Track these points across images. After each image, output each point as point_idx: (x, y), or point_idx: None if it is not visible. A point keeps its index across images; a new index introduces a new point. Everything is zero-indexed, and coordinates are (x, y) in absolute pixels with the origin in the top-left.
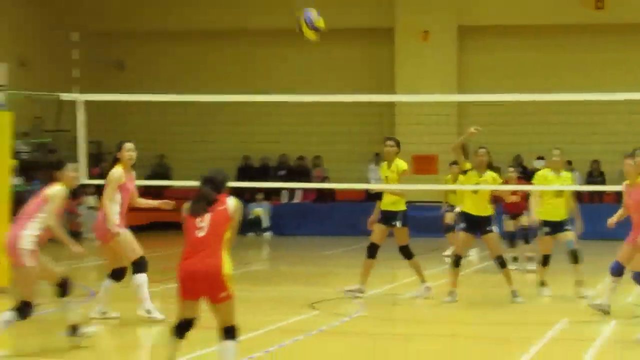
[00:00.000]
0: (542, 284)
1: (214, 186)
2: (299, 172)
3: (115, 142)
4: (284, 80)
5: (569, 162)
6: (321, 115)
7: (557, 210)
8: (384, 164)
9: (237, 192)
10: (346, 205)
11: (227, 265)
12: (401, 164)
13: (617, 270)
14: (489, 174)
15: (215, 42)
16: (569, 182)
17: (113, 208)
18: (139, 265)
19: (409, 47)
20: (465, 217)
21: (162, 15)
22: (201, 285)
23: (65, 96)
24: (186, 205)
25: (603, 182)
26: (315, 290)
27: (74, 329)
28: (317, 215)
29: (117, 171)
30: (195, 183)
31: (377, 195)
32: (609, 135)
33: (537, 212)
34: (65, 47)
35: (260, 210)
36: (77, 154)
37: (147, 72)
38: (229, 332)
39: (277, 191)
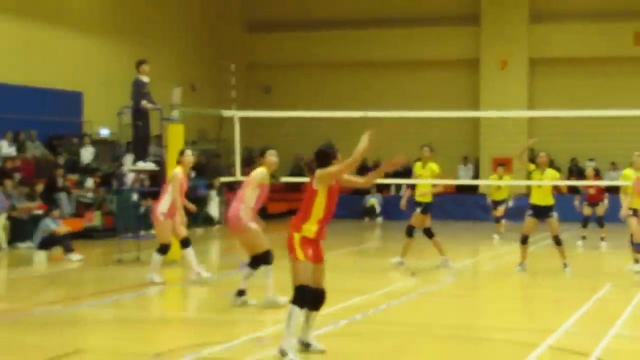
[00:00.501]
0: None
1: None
2: (405, 171)
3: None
4: (391, 101)
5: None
6: (421, 127)
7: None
8: (419, 164)
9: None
10: (439, 196)
11: None
12: (435, 166)
13: None
14: (549, 172)
15: (338, 71)
16: None
17: (249, 204)
18: (259, 259)
19: (490, 74)
20: (532, 206)
21: (299, 50)
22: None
23: (225, 113)
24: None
25: None
26: (415, 262)
27: (240, 293)
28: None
29: (261, 172)
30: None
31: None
32: None
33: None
34: (225, 75)
35: (374, 200)
36: (234, 158)
37: (288, 95)
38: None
39: (387, 186)
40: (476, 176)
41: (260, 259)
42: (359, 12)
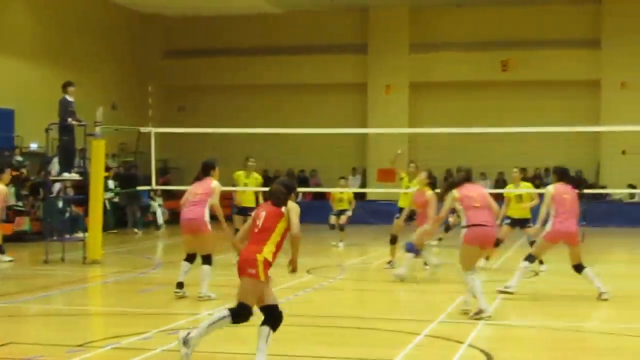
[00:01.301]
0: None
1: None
2: (301, 180)
3: (177, 161)
4: (294, 120)
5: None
6: (318, 142)
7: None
8: (406, 177)
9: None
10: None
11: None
12: (422, 177)
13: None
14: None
15: (246, 93)
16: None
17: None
18: (207, 259)
19: (376, 97)
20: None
21: (210, 74)
22: None
23: (142, 129)
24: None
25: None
26: (310, 260)
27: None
28: (314, 209)
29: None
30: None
31: None
32: (515, 155)
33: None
34: (144, 95)
35: None
36: (150, 169)
37: (200, 114)
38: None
39: None
40: (364, 185)
41: (207, 259)
42: (264, 41)
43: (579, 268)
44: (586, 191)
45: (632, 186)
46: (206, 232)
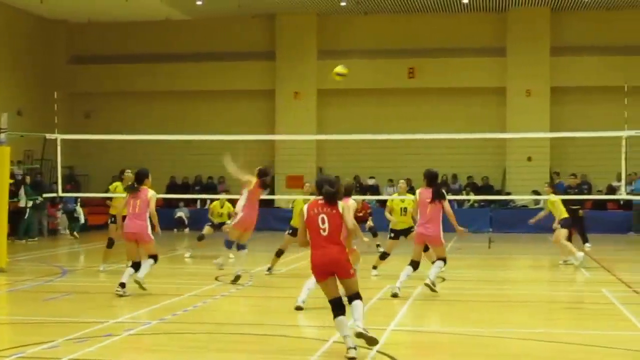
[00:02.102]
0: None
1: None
2: (209, 187)
3: (83, 168)
4: (203, 126)
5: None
6: (226, 148)
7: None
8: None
9: (166, 201)
10: None
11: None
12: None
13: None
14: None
15: (154, 99)
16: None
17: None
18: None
19: (285, 103)
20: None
21: (117, 81)
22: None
23: (48, 136)
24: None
25: (413, 193)
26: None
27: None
28: None
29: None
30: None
31: None
32: (423, 161)
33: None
34: (49, 101)
35: (182, 212)
36: (57, 176)
37: (107, 121)
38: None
39: (194, 200)
40: (272, 191)
41: (154, 258)
42: (172, 47)
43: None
44: (492, 197)
45: (536, 192)
46: (150, 241)
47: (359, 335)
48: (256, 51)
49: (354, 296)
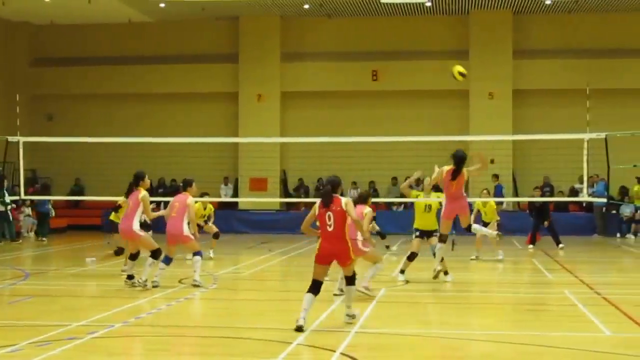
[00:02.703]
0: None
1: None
2: (173, 190)
3: (46, 171)
4: (167, 129)
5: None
6: (190, 151)
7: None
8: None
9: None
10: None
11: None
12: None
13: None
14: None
15: (119, 102)
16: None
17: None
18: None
19: (248, 106)
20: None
21: (80, 83)
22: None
23: (10, 139)
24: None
25: (377, 195)
26: (182, 270)
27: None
28: None
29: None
30: (102, 198)
31: None
32: (389, 164)
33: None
34: (11, 104)
35: (145, 216)
36: (19, 179)
37: (70, 123)
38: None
39: (157, 203)
40: (236, 194)
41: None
42: (135, 49)
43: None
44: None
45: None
46: (138, 237)
47: (349, 316)
48: (219, 53)
49: (349, 280)
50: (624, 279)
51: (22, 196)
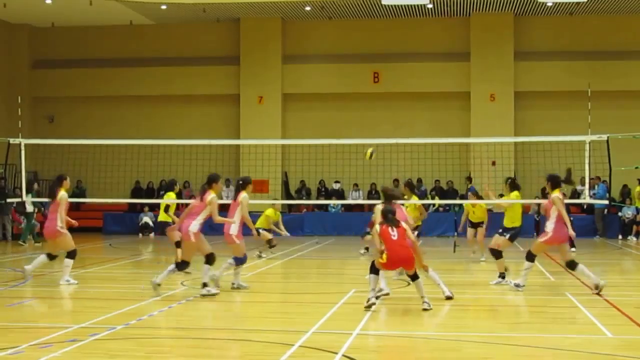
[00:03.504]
0: None
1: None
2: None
3: (47, 173)
4: (168, 131)
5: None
6: (191, 153)
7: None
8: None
9: (131, 206)
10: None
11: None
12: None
13: None
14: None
15: (120, 104)
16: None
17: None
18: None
19: (249, 108)
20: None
21: (80, 85)
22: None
23: (12, 141)
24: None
25: (379, 197)
26: (184, 272)
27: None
28: None
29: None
30: (103, 200)
31: None
32: (388, 166)
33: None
34: (13, 106)
35: (148, 217)
36: (20, 181)
37: (71, 125)
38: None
39: (159, 205)
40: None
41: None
42: (136, 51)
43: None
44: (457, 202)
45: (501, 196)
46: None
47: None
48: (220, 56)
49: (414, 276)
50: (625, 281)
51: (24, 198)
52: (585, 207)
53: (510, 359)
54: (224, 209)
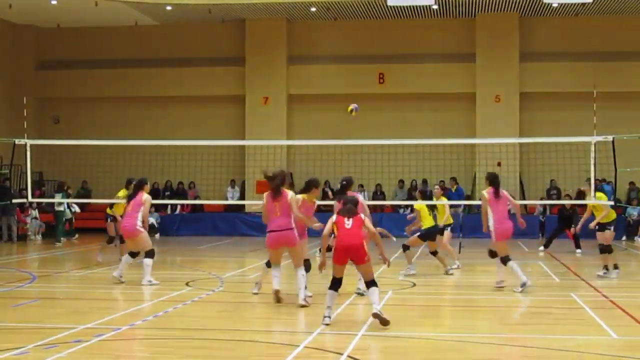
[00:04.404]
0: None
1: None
2: (179, 192)
3: (53, 173)
4: (173, 132)
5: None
6: (197, 154)
7: None
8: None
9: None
10: (210, 215)
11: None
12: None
13: None
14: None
15: (124, 105)
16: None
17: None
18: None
19: (255, 108)
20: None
21: (85, 86)
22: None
23: (18, 141)
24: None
25: (384, 198)
26: (189, 273)
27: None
28: (191, 221)
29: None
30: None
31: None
32: (393, 167)
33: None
34: (18, 107)
35: (153, 218)
36: (26, 182)
37: (76, 126)
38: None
39: (164, 205)
40: (242, 196)
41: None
42: (142, 52)
43: None
44: (463, 202)
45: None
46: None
47: (375, 315)
48: (226, 57)
49: (370, 283)
50: (631, 282)
51: (30, 199)
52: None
53: None
54: (237, 209)
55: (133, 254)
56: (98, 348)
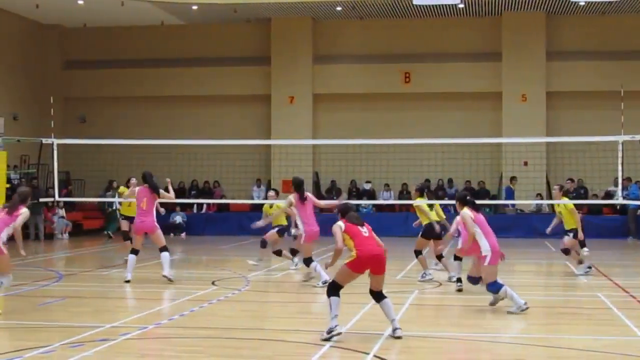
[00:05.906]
0: None
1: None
2: (205, 192)
3: (79, 173)
4: (199, 131)
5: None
6: (222, 153)
7: None
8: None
9: (162, 205)
10: (236, 214)
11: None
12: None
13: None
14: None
15: (150, 104)
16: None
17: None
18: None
19: (280, 108)
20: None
21: (111, 85)
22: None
23: (45, 141)
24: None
25: (410, 198)
26: (215, 272)
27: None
28: (217, 221)
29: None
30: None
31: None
32: (419, 166)
33: None
34: (45, 106)
35: (179, 217)
36: (53, 181)
37: (102, 126)
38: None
39: (190, 204)
40: (266, 196)
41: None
42: (167, 52)
43: None
44: (489, 202)
45: (540, 196)
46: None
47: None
48: (251, 56)
49: (380, 294)
50: None
51: (57, 198)
52: (618, 207)
53: None
54: (255, 209)
55: (135, 252)
56: (124, 347)
